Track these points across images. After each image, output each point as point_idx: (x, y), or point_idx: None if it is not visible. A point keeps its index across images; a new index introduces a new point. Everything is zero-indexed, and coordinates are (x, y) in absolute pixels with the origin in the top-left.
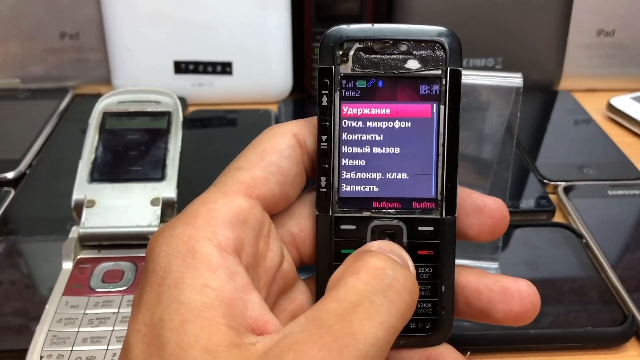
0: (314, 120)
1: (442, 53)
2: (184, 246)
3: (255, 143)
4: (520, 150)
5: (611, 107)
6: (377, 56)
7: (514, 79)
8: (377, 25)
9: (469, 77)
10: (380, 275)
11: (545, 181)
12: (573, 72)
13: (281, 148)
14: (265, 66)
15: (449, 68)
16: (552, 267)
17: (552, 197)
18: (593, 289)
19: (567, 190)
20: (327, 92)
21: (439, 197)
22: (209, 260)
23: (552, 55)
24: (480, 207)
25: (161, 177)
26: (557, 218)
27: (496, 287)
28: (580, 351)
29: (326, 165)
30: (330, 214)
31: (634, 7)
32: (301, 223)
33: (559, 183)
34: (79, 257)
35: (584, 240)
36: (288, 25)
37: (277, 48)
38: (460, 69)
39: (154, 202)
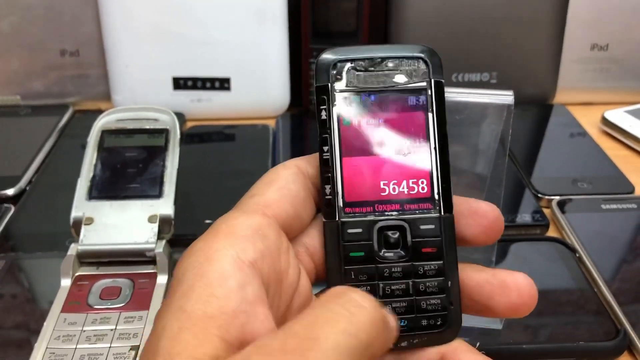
0: (313, 155)
1: (424, 67)
2: (202, 256)
3: (263, 177)
4: (514, 164)
5: (605, 121)
6: (368, 73)
7: (506, 97)
8: (365, 46)
9: (461, 95)
10: (339, 293)
11: (539, 195)
12: (568, 86)
13: (287, 175)
14: (263, 82)
15: (432, 79)
16: (546, 281)
17: (547, 211)
18: (586, 303)
19: (561, 204)
20: (325, 107)
21: (436, 196)
22: (221, 268)
23: (546, 70)
24: (475, 209)
25: (159, 195)
26: (551, 232)
27: (495, 281)
28: None
29: (329, 174)
30: (337, 219)
31: (627, 22)
32: (311, 233)
33: (553, 197)
34: (77, 274)
35: (577, 255)
36: (285, 42)
37: (275, 64)
38: (442, 80)
39: (151, 219)
